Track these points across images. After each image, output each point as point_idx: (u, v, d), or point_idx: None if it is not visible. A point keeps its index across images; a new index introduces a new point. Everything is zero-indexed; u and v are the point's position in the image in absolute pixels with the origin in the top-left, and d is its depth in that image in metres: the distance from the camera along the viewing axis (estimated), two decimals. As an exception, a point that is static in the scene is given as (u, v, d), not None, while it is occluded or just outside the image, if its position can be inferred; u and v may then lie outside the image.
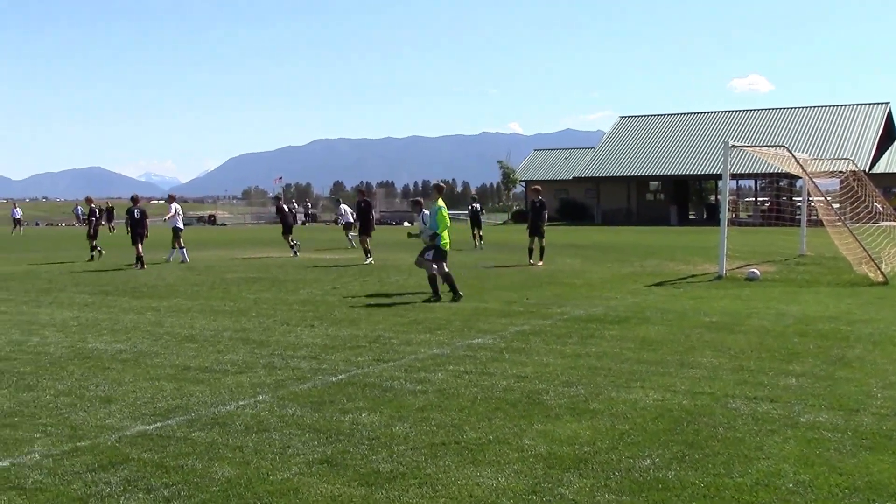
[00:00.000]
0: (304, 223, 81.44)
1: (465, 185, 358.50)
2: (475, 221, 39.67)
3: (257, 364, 11.31)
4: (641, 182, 79.39)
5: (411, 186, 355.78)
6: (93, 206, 34.75)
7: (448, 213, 18.57)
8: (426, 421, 8.29)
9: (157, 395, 9.61)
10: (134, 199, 30.52)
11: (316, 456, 7.23)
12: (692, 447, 7.35)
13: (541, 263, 26.82)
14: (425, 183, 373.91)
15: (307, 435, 7.86)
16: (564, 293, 19.01)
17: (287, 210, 35.55)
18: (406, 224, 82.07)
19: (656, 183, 79.76)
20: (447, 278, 18.23)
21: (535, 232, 27.52)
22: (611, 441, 7.55)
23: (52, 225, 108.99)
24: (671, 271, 24.44)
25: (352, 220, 40.30)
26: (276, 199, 38.82)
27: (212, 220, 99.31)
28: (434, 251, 18.28)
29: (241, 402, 9.18)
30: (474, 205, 41.03)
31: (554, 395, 9.32)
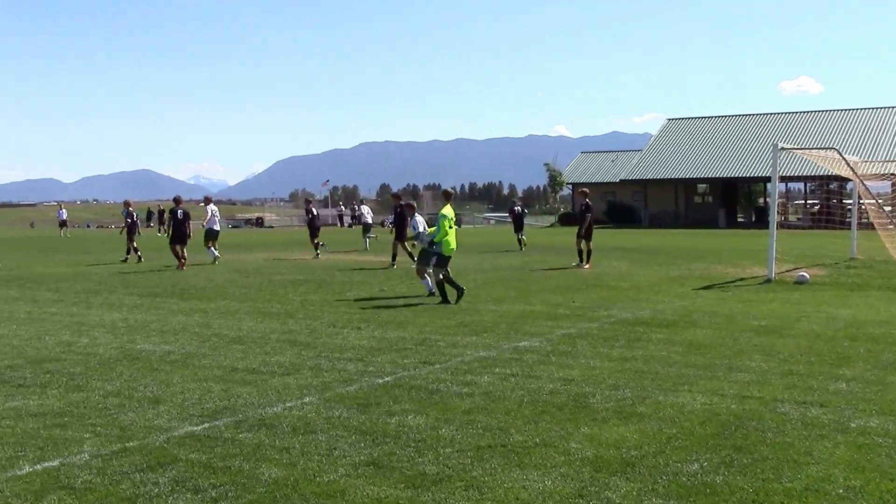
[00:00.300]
0: (350, 226, 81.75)
1: (512, 188, 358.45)
2: (518, 224, 40.10)
3: (304, 366, 11.35)
4: (689, 185, 78.90)
5: (458, 189, 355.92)
6: (130, 209, 35.12)
7: (452, 221, 18.70)
8: (472, 423, 8.28)
9: (205, 396, 9.67)
10: (176, 201, 30.82)
11: (362, 458, 7.25)
12: (740, 452, 7.28)
13: (586, 266, 26.77)
14: (472, 185, 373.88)
15: (353, 437, 7.87)
16: (611, 296, 18.92)
17: (316, 213, 35.91)
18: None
19: (704, 185, 79.21)
20: (446, 279, 18.48)
21: (578, 234, 27.59)
22: (658, 445, 7.50)
23: (102, 227, 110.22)
24: (719, 274, 24.25)
25: (370, 222, 40.87)
26: (307, 201, 39.51)
27: (259, 222, 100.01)
28: (437, 258, 18.50)
29: (287, 404, 9.22)
30: (516, 207, 41.22)
31: (600, 398, 9.28)
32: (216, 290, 21.40)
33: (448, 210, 18.82)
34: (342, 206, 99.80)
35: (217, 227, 31.87)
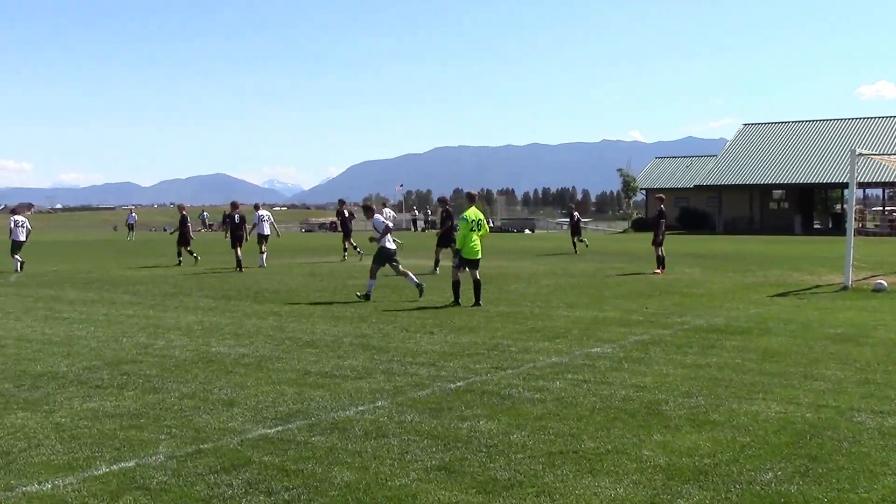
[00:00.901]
0: (423, 230, 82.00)
1: (585, 193, 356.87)
2: (575, 229, 41.79)
3: (377, 370, 11.40)
4: (765, 190, 77.99)
5: (531, 194, 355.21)
6: (183, 213, 35.99)
7: (475, 224, 18.80)
8: (544, 429, 8.26)
9: (279, 399, 9.76)
10: (233, 206, 32.23)
11: (434, 462, 7.27)
12: (816, 461, 7.18)
13: (658, 271, 26.69)
14: (545, 190, 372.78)
15: (425, 441, 7.90)
16: (685, 303, 18.76)
17: (347, 215, 37.36)
18: (527, 232, 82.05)
19: (780, 191, 78.18)
20: (456, 285, 18.87)
21: (653, 241, 27.69)
22: (732, 453, 7.42)
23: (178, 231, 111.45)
24: (795, 282, 23.92)
25: (391, 225, 41.84)
26: (341, 202, 40.64)
27: (333, 226, 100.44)
28: (458, 259, 18.92)
29: (360, 408, 9.27)
30: (574, 213, 43.21)
31: (673, 405, 9.21)
32: (290, 293, 21.59)
33: (470, 212, 18.97)
34: (416, 211, 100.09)
35: (265, 232, 32.75)
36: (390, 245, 20.39)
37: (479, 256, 18.87)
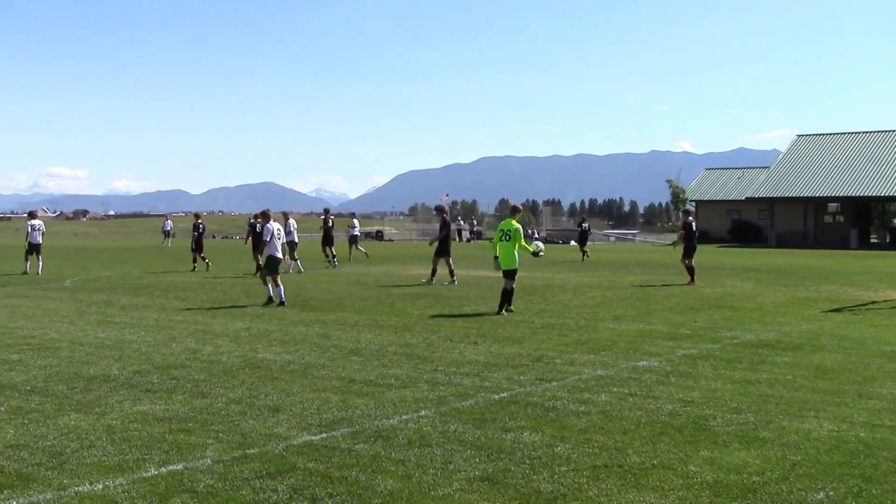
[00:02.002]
0: (469, 240, 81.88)
1: (633, 205, 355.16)
2: (582, 239, 44.83)
3: (421, 379, 11.39)
4: (819, 203, 77.02)
5: (578, 205, 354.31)
6: (198, 221, 36.82)
7: (503, 234, 19.28)
8: (588, 442, 8.20)
9: (323, 406, 9.78)
10: (256, 217, 33.11)
11: (477, 473, 7.23)
12: (870, 482, 7.05)
13: (687, 283, 27.31)
14: (592, 201, 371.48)
15: (469, 452, 7.86)
16: (735, 317, 18.56)
17: (331, 224, 38.69)
18: (572, 243, 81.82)
19: (835, 204, 77.19)
20: (505, 294, 19.27)
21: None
22: (781, 471, 7.31)
23: (227, 238, 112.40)
24: (850, 297, 23.59)
25: (357, 234, 42.91)
26: (326, 210, 42.08)
27: (379, 235, 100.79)
28: (496, 266, 19.57)
29: (404, 417, 9.26)
30: (583, 224, 46.23)
31: (721, 421, 9.09)
32: (336, 301, 21.64)
33: (503, 223, 19.54)
34: (461, 221, 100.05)
35: (295, 240, 33.85)
36: (278, 254, 21.46)
37: (513, 267, 19.22)
